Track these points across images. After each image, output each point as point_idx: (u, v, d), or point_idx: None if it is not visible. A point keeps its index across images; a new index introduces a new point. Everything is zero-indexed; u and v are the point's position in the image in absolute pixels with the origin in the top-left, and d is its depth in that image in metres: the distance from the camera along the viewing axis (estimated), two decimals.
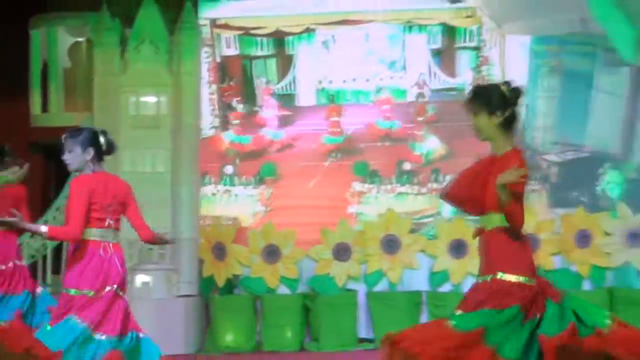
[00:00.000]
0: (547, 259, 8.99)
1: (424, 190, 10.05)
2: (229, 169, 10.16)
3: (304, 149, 10.26)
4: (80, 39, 9.95)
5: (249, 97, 10.29)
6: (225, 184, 10.09)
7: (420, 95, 10.14)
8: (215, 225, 9.65)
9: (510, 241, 4.16)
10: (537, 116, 9.53)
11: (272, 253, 9.40)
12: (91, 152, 4.86)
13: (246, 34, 10.25)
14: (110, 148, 4.94)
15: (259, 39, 10.27)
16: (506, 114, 4.17)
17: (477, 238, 4.28)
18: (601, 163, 9.73)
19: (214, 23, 10.27)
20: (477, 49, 10.09)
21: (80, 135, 4.91)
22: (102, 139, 4.91)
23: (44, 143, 9.80)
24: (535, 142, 9.36)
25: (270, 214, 10.09)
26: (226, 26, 10.07)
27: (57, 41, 10.16)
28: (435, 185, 9.94)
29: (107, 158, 4.98)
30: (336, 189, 10.11)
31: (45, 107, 10.19)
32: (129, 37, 9.14)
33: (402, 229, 9.37)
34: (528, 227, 4.44)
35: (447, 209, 9.49)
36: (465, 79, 10.04)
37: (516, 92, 4.20)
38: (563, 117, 9.81)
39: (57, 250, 9.13)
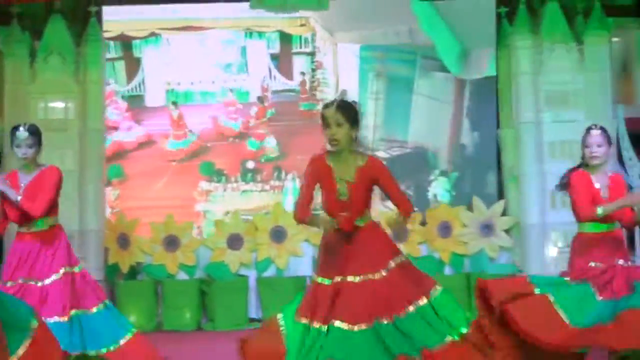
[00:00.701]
0: (414, 247, 9.54)
1: (267, 187, 10.31)
2: None
3: (153, 150, 10.25)
4: None
5: None
6: None
7: (263, 97, 10.40)
8: (120, 218, 9.88)
9: (385, 233, 4.86)
10: (366, 116, 9.64)
11: (171, 243, 9.69)
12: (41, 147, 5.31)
13: None
14: None
15: (105, 42, 9.99)
16: (359, 129, 4.82)
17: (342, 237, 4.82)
18: (424, 157, 10.25)
19: None
20: (312, 54, 10.39)
21: (38, 132, 5.28)
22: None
23: None
24: (366, 139, 9.35)
25: (117, 215, 9.96)
26: None
27: None
28: (277, 183, 10.29)
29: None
30: (184, 189, 10.21)
31: None
32: (38, 49, 9.39)
33: (288, 221, 9.56)
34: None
35: (289, 205, 9.95)
36: (301, 81, 10.41)
37: (360, 113, 4.87)
38: (388, 117, 10.23)
39: None
